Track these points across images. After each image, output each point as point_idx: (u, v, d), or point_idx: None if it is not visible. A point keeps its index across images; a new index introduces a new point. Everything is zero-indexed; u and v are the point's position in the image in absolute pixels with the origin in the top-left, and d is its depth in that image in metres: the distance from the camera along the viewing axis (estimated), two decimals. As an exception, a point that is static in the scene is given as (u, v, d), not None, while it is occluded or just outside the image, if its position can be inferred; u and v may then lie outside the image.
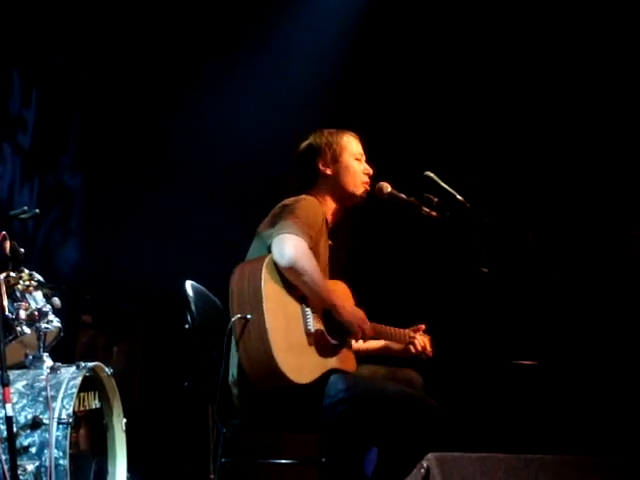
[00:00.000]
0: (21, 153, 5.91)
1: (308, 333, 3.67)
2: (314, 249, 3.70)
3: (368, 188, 4.03)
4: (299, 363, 3.59)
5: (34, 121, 6.02)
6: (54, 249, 6.24)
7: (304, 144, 4.10)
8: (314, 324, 3.69)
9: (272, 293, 3.59)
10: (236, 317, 3.58)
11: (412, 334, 4.12)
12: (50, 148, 6.21)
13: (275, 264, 3.63)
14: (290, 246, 3.60)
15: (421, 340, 4.13)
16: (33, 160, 6.00)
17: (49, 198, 6.17)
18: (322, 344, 3.71)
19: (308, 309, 3.70)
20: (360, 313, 3.81)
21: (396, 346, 4.14)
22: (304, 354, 3.64)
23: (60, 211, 6.33)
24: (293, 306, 3.68)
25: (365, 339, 3.88)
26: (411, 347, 4.10)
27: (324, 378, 3.68)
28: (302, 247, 3.62)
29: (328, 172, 4.01)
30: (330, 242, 3.99)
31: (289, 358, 3.54)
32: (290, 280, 3.64)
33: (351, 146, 4.06)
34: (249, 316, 3.56)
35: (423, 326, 4.18)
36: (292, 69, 6.44)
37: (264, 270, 3.59)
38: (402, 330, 4.13)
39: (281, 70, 6.45)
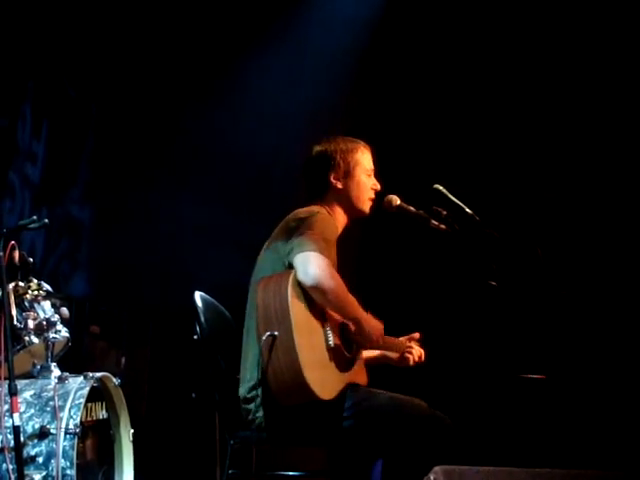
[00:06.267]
0: (30, 186, 5.92)
1: (329, 349, 3.67)
2: None
3: (371, 204, 4.02)
4: (324, 379, 3.60)
5: (44, 154, 6.03)
6: (62, 281, 6.23)
7: (317, 150, 4.00)
8: (333, 340, 3.70)
9: (298, 310, 3.59)
10: (266, 335, 3.57)
11: (408, 343, 4.12)
12: (59, 180, 6.21)
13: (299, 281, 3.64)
14: (315, 266, 3.58)
15: (417, 350, 4.13)
16: (42, 192, 6.00)
17: (57, 230, 6.17)
18: (340, 359, 3.72)
19: (328, 325, 3.71)
20: (380, 327, 3.80)
21: (393, 355, 4.14)
22: (327, 369, 3.65)
23: (68, 243, 6.33)
24: (315, 322, 3.68)
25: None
26: (409, 358, 4.09)
27: (343, 393, 3.68)
28: (325, 265, 3.60)
29: (339, 186, 3.98)
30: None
31: (315, 374, 3.54)
32: (315, 299, 3.64)
33: (364, 161, 4.00)
34: (276, 333, 3.56)
35: (417, 335, 4.17)
36: (304, 78, 6.45)
37: (290, 287, 3.58)
38: (399, 339, 4.12)
39: (291, 82, 6.46)
